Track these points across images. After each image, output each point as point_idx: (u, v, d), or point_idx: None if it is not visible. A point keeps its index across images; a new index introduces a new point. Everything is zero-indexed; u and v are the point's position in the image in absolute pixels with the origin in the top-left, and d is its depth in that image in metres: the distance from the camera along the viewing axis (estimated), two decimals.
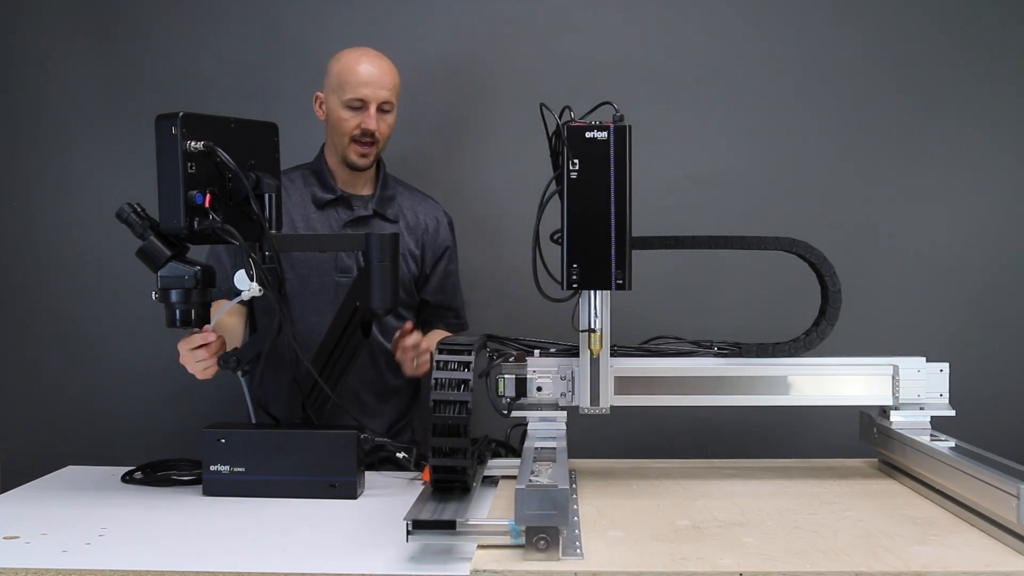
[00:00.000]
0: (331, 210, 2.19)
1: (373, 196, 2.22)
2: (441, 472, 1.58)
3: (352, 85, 2.11)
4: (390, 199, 2.23)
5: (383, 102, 2.13)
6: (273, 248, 1.78)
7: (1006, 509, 1.39)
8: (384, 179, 2.24)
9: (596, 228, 1.62)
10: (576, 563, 1.33)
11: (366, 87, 2.11)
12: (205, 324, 1.80)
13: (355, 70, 2.12)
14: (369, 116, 2.11)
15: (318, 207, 2.19)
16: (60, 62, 2.62)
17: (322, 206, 2.19)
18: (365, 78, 2.11)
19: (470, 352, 1.63)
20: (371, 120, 2.11)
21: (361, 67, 2.12)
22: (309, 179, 2.21)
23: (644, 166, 1.71)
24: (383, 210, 2.21)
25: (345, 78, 2.12)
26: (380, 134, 2.14)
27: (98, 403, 2.64)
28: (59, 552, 1.42)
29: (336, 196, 2.19)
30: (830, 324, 1.83)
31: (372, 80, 2.11)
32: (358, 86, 2.11)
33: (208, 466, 1.76)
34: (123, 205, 1.76)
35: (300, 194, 2.19)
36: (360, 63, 2.13)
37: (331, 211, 2.19)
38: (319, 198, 2.19)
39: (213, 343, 1.82)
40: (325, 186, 2.20)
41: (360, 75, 2.11)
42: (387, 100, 2.13)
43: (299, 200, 2.18)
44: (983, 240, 2.60)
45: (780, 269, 2.19)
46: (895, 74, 2.59)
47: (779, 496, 1.71)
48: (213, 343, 1.82)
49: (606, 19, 2.61)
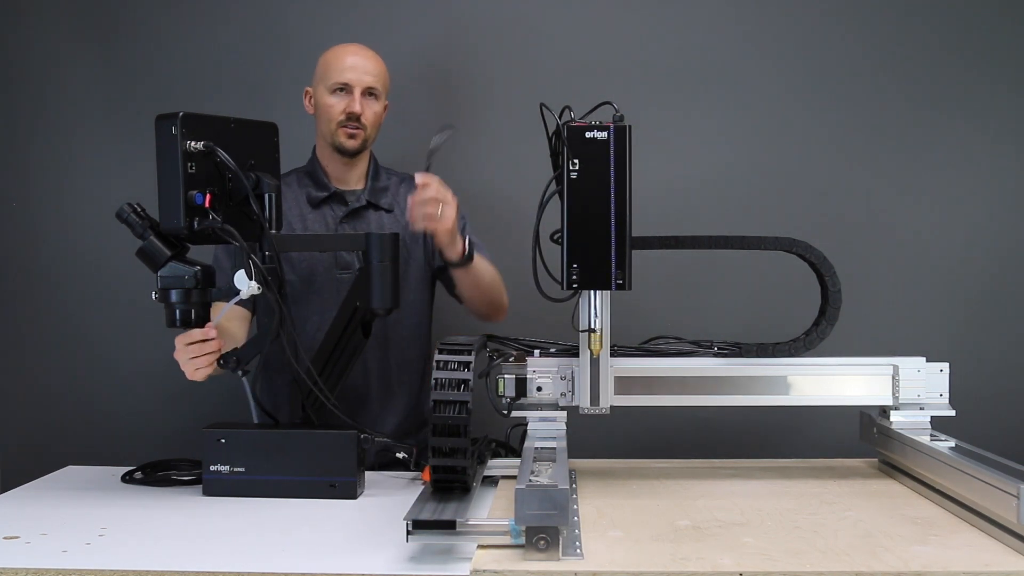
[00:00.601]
0: (326, 207, 2.20)
1: (365, 188, 2.23)
2: (441, 472, 1.58)
3: (336, 71, 2.15)
4: (383, 189, 2.25)
5: (368, 87, 2.15)
6: (273, 248, 1.78)
7: (1006, 509, 1.39)
8: (375, 171, 2.26)
9: (596, 228, 1.62)
10: (576, 563, 1.33)
11: (350, 71, 2.14)
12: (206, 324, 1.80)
13: (339, 57, 2.17)
14: (354, 99, 2.13)
15: (313, 206, 2.20)
16: (60, 62, 2.62)
17: (316, 204, 2.20)
18: (349, 63, 2.15)
19: (470, 352, 1.63)
20: (356, 103, 2.13)
21: (345, 55, 2.17)
22: (303, 180, 2.23)
23: (644, 166, 1.71)
24: (376, 200, 2.22)
25: (329, 65, 2.17)
26: (366, 119, 2.15)
27: (98, 403, 2.64)
28: (59, 552, 1.42)
29: (330, 193, 2.20)
30: (830, 324, 1.83)
31: (356, 66, 2.15)
32: (342, 71, 2.14)
33: (208, 466, 1.76)
34: (123, 205, 1.76)
35: (295, 195, 2.20)
36: (345, 52, 2.18)
37: (326, 208, 2.20)
38: (313, 197, 2.20)
39: (211, 342, 1.80)
40: (318, 184, 2.21)
41: (344, 61, 2.16)
42: (371, 87, 2.15)
43: (294, 201, 2.20)
44: (983, 240, 2.60)
45: (780, 269, 2.19)
46: (895, 74, 2.59)
47: (779, 496, 1.71)
48: (211, 342, 1.80)
49: (606, 19, 2.61)
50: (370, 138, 2.19)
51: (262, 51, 2.61)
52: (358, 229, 2.16)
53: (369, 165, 2.26)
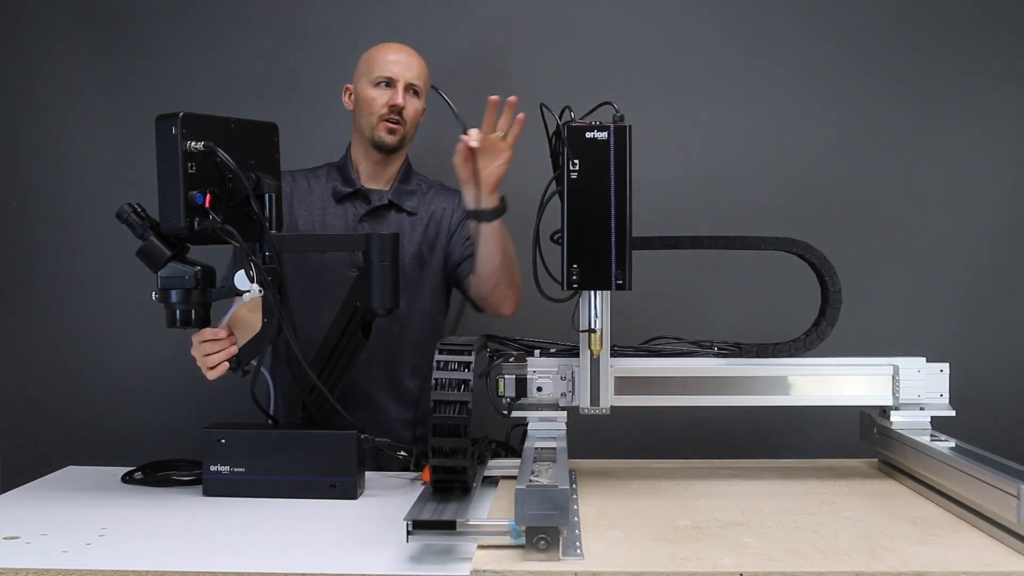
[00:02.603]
0: (348, 203, 2.21)
1: (391, 189, 2.24)
2: (441, 472, 1.58)
3: (380, 64, 2.17)
4: (410, 192, 2.24)
5: (410, 83, 2.17)
6: (273, 248, 1.78)
7: (1006, 509, 1.39)
8: (406, 173, 2.26)
9: (596, 228, 1.62)
10: (576, 563, 1.33)
11: (395, 65, 2.17)
12: (206, 324, 1.80)
13: (384, 53, 2.20)
14: (397, 92, 2.15)
15: (336, 200, 2.22)
16: (60, 62, 2.62)
17: (340, 199, 2.21)
18: (393, 58, 2.18)
19: (470, 352, 1.63)
20: (399, 96, 2.15)
21: (390, 51, 2.20)
22: (333, 174, 2.25)
23: (644, 166, 1.71)
24: (400, 201, 2.22)
25: (374, 59, 2.19)
26: (407, 114, 2.17)
27: (98, 403, 2.64)
28: (59, 552, 1.42)
29: (354, 189, 2.21)
30: (830, 324, 1.83)
31: (400, 60, 2.18)
32: (386, 64, 2.17)
33: (208, 466, 1.76)
34: (123, 205, 1.76)
35: (322, 188, 2.23)
36: (390, 48, 2.21)
37: (348, 204, 2.21)
38: (338, 191, 2.22)
39: (222, 341, 1.82)
40: (346, 179, 2.23)
41: (388, 56, 2.19)
42: (414, 83, 2.18)
43: (320, 194, 2.22)
44: (983, 240, 2.60)
45: (780, 269, 2.19)
46: (896, 74, 2.59)
47: (779, 496, 1.71)
48: (222, 341, 1.82)
49: (606, 19, 2.61)
50: (408, 135, 2.20)
51: (262, 52, 2.61)
52: (377, 228, 2.16)
53: (401, 167, 2.26)
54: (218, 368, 1.83)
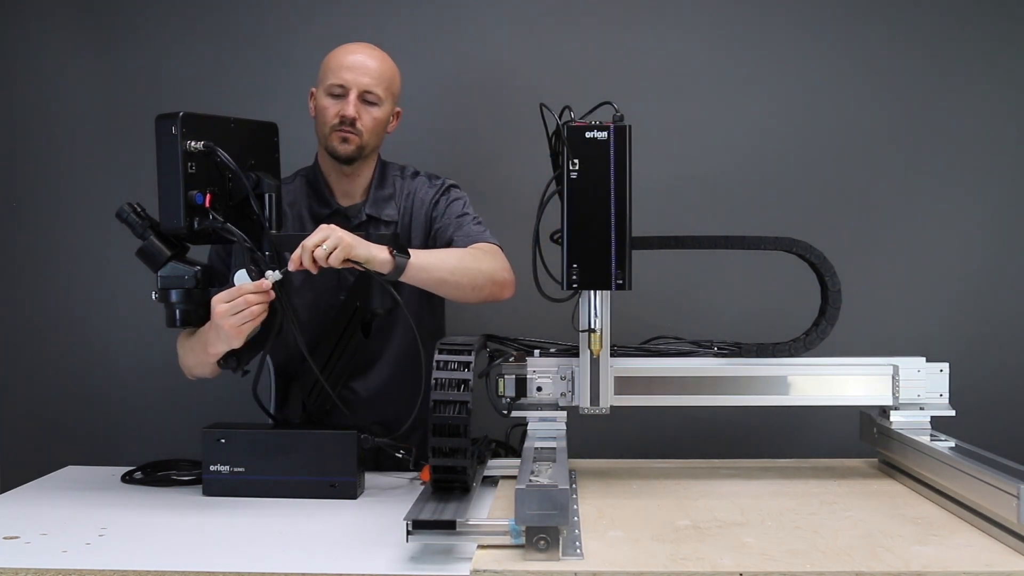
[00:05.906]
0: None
1: (367, 200, 2.11)
2: (441, 472, 1.58)
3: (334, 70, 2.01)
4: (387, 199, 2.12)
5: (365, 90, 2.00)
6: (273, 248, 1.78)
7: (1006, 509, 1.39)
8: (380, 178, 2.13)
9: (596, 228, 1.62)
10: (576, 563, 1.33)
11: (348, 72, 1.99)
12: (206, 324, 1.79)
13: (339, 57, 2.04)
14: (348, 103, 1.99)
15: (315, 222, 2.04)
16: (60, 62, 2.61)
17: (319, 222, 2.02)
18: (348, 63, 2.01)
19: (470, 352, 1.63)
20: (349, 107, 1.98)
21: (346, 54, 2.04)
22: (307, 190, 2.12)
23: (644, 166, 1.71)
24: (378, 212, 2.09)
25: (328, 65, 2.04)
26: (362, 124, 2.00)
27: (98, 403, 2.64)
28: (59, 552, 1.42)
29: (332, 211, 2.09)
30: (830, 324, 1.83)
31: (355, 66, 2.00)
32: (339, 70, 2.00)
33: (208, 466, 1.76)
34: (123, 205, 1.76)
35: (299, 207, 2.11)
36: (347, 51, 2.05)
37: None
38: (316, 213, 2.09)
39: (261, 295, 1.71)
40: (321, 199, 2.10)
41: (343, 61, 2.02)
42: (370, 89, 2.00)
43: (298, 212, 2.10)
44: (983, 240, 2.60)
45: (780, 269, 2.18)
46: (895, 74, 2.59)
47: (779, 496, 1.71)
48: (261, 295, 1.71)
49: (606, 19, 2.60)
50: (368, 145, 2.04)
51: (263, 52, 2.60)
52: None
53: (374, 174, 2.13)
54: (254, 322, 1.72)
